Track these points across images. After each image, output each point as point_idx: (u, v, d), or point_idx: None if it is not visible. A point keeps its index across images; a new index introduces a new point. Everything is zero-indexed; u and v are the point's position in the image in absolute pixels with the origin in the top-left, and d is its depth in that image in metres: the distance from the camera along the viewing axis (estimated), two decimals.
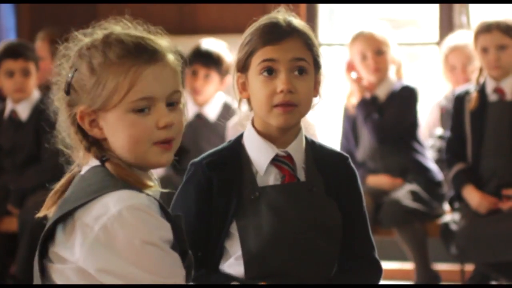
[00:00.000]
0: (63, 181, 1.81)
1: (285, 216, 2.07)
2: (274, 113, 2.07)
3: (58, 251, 1.71)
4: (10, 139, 4.53)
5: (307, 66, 2.09)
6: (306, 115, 2.14)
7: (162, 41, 1.79)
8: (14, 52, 4.54)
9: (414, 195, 4.11)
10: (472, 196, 3.93)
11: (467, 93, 4.06)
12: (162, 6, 5.46)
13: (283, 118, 2.06)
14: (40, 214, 1.80)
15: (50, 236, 1.73)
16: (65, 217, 1.70)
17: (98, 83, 1.73)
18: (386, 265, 4.86)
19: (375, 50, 4.26)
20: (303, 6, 5.35)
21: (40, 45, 4.90)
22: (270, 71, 2.07)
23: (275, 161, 2.10)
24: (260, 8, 5.09)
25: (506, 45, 3.93)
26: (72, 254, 1.68)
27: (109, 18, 1.82)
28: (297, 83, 2.07)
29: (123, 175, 1.73)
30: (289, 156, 2.11)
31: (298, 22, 2.12)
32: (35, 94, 4.55)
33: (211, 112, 4.58)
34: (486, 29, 3.94)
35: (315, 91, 2.14)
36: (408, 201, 4.08)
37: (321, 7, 5.45)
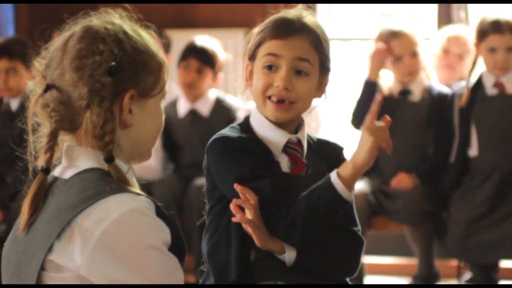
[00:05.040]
0: (36, 187, 1.73)
1: None
2: (267, 106, 2.09)
3: (55, 259, 1.65)
4: (1, 131, 4.51)
5: (308, 68, 2.10)
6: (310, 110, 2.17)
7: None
8: None
9: (429, 195, 4.09)
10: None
11: (463, 89, 4.08)
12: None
13: (276, 113, 2.09)
14: (22, 226, 1.72)
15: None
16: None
17: (149, 68, 1.76)
18: (388, 260, 4.90)
19: (411, 53, 4.16)
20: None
21: None
22: (270, 66, 2.09)
23: (286, 148, 2.11)
24: (259, 3, 5.12)
25: None
26: (72, 261, 1.64)
27: (100, 10, 1.82)
28: (295, 82, 2.09)
29: (120, 177, 1.71)
30: (298, 143, 2.13)
31: (312, 21, 2.13)
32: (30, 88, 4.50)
33: (204, 107, 4.57)
34: (497, 29, 3.92)
35: (319, 92, 2.15)
36: (424, 202, 4.06)
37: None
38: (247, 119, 2.16)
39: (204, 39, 4.60)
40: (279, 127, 2.11)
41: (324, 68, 2.14)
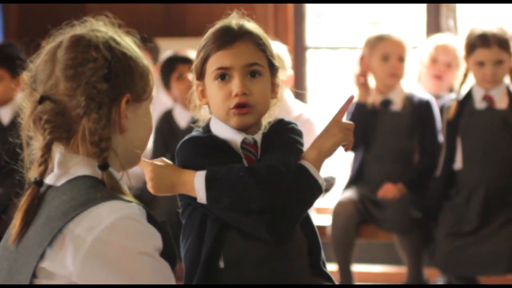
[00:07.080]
0: (29, 200, 1.73)
1: None
2: (231, 115, 2.13)
3: (47, 266, 1.66)
4: None
5: (260, 69, 2.15)
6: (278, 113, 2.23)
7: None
8: None
9: (417, 203, 4.10)
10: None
11: (452, 101, 4.08)
12: (150, 8, 5.46)
13: (239, 119, 2.13)
14: (12, 238, 1.72)
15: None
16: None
17: (139, 72, 1.78)
18: (377, 268, 4.90)
19: (398, 56, 4.21)
20: (290, 9, 5.37)
21: None
22: (223, 76, 2.13)
23: (243, 150, 2.16)
24: (248, 10, 5.13)
25: (502, 60, 3.94)
26: (63, 268, 1.64)
27: (83, 20, 1.83)
28: (251, 85, 2.13)
29: (114, 185, 1.72)
30: (254, 145, 2.17)
31: (250, 25, 2.18)
32: (19, 97, 4.45)
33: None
34: (485, 43, 3.92)
35: (273, 93, 2.21)
36: (413, 210, 4.07)
37: (309, 10, 5.46)
38: (208, 122, 2.21)
39: (174, 52, 4.64)
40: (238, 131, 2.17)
41: (272, 67, 2.18)
